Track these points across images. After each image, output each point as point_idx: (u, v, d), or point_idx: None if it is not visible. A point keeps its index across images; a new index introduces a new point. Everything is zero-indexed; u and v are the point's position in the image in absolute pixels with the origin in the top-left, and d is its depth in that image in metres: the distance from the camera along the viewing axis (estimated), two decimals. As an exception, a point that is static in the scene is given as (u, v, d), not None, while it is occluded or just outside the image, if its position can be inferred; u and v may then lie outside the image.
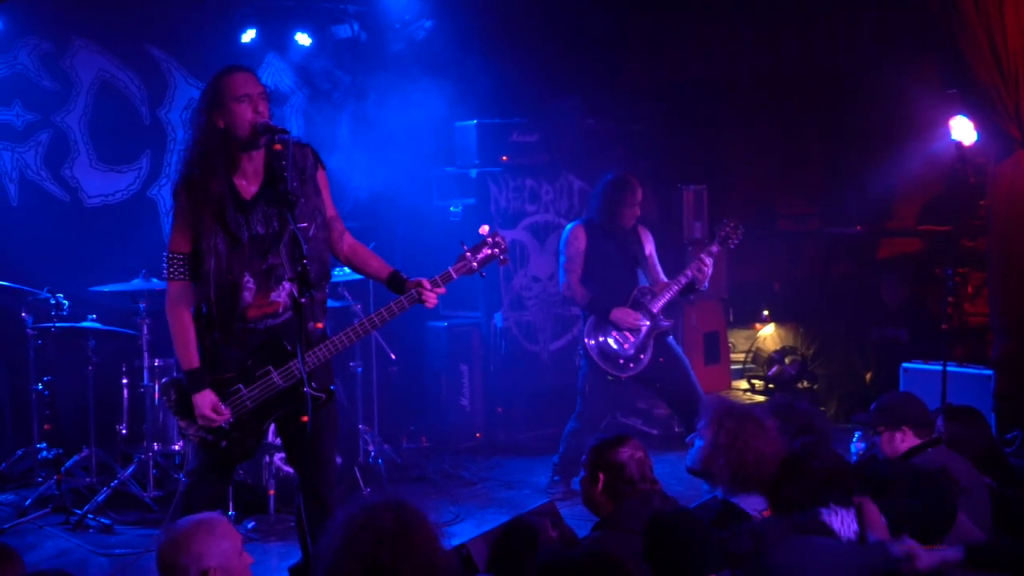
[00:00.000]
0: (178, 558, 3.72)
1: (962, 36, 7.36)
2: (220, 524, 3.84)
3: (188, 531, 3.78)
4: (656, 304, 7.51)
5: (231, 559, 3.77)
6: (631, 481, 4.35)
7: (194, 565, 3.70)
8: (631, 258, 7.67)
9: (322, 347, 4.96)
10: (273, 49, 9.44)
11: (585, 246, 7.59)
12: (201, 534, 3.76)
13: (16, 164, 8.42)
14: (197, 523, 3.82)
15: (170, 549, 3.76)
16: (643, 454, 4.45)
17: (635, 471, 4.37)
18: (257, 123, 4.83)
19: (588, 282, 7.58)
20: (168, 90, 8.99)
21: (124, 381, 7.87)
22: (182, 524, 3.83)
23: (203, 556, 3.71)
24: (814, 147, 11.12)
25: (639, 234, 7.72)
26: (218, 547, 3.74)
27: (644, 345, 7.51)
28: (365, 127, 9.95)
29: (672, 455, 8.48)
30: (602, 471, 4.40)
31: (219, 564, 3.72)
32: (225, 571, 3.73)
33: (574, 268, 7.59)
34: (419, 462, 8.64)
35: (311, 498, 5.09)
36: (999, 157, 7.68)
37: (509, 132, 9.50)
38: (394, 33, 9.86)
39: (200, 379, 4.93)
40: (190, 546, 3.72)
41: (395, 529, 3.36)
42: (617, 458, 4.39)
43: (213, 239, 4.88)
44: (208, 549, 3.73)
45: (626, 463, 4.38)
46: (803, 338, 10.93)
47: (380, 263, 5.29)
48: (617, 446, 4.43)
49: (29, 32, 8.40)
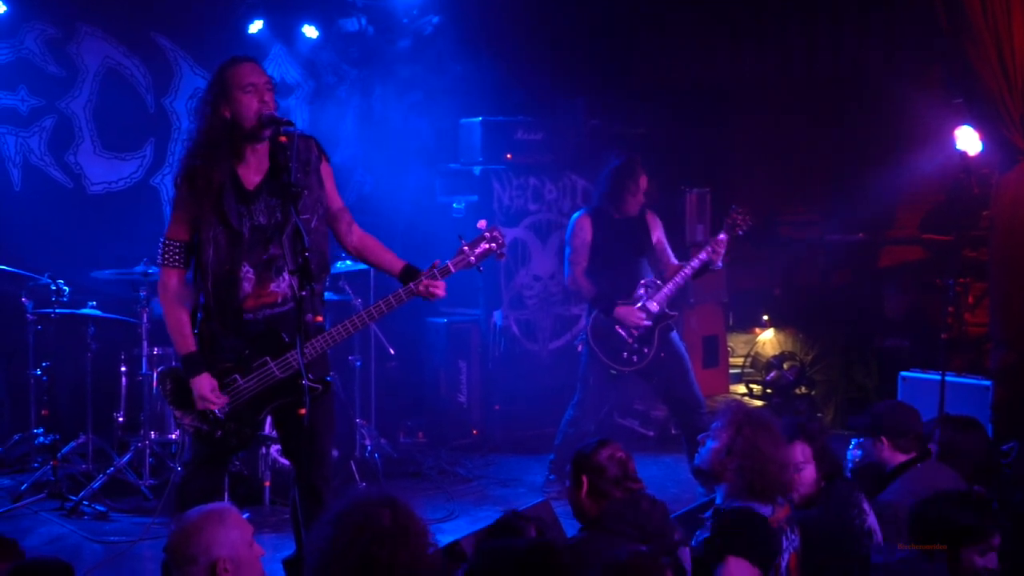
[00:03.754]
0: (188, 548, 3.72)
1: (970, 45, 7.34)
2: (230, 514, 3.84)
3: (198, 521, 3.78)
4: (660, 297, 7.47)
5: (241, 549, 3.76)
6: (614, 481, 4.36)
7: (204, 555, 3.69)
8: (637, 248, 7.62)
9: (319, 338, 4.95)
10: (280, 41, 9.44)
11: (591, 237, 7.54)
12: (211, 524, 3.76)
13: (20, 149, 8.42)
14: (207, 513, 3.82)
15: (180, 539, 3.76)
16: (624, 455, 4.46)
17: (617, 471, 4.38)
18: (263, 114, 4.84)
19: (593, 274, 7.54)
20: (174, 79, 8.99)
21: (123, 369, 7.87)
22: (192, 514, 3.82)
23: (213, 546, 3.70)
24: (818, 153, 11.10)
25: (646, 221, 7.67)
26: (227, 537, 3.74)
27: (648, 338, 7.48)
28: (370, 121, 9.97)
29: (668, 457, 8.50)
30: (585, 474, 4.41)
31: (229, 554, 3.71)
32: (235, 561, 3.73)
33: (579, 260, 7.56)
34: (415, 458, 8.64)
35: (307, 491, 5.09)
36: (1003, 168, 7.66)
37: (514, 130, 9.49)
38: (401, 28, 9.86)
39: (197, 363, 4.93)
40: (200, 536, 3.72)
41: (392, 527, 3.37)
42: (598, 460, 4.41)
43: (213, 229, 4.88)
44: (218, 539, 3.72)
45: (606, 464, 4.39)
46: (802, 344, 10.91)
47: (392, 256, 5.26)
48: (598, 448, 4.46)
49: (35, 17, 8.40)
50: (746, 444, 4.49)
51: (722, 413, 4.72)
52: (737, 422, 4.58)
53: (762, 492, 4.45)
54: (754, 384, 11.02)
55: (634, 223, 7.63)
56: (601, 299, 7.49)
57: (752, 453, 4.47)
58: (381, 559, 3.32)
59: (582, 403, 7.66)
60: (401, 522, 3.39)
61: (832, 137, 10.91)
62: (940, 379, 7.62)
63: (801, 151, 11.15)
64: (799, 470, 4.93)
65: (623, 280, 7.55)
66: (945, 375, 7.66)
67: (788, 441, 4.94)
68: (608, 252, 7.55)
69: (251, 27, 9.11)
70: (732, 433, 4.55)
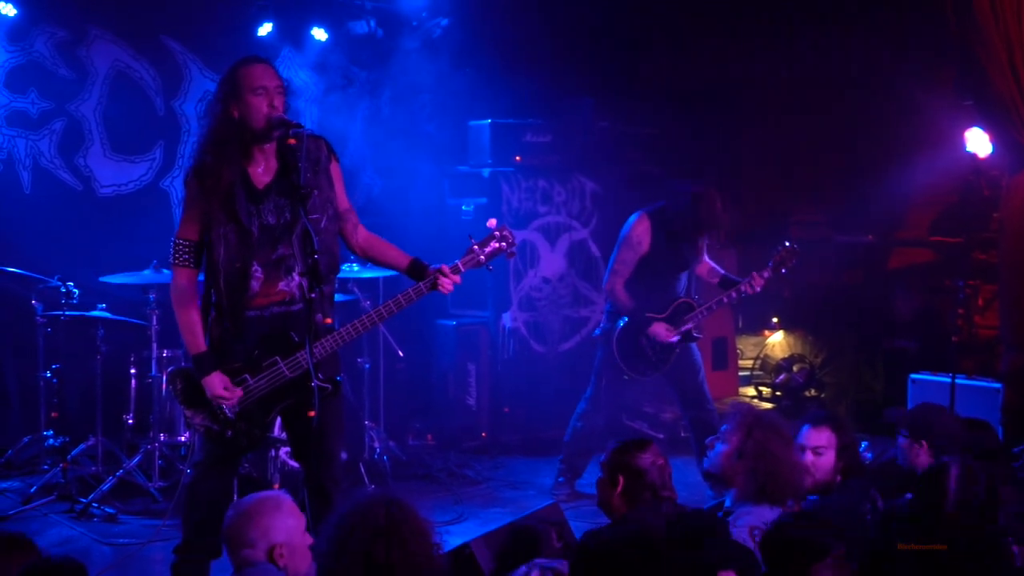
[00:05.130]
0: (248, 531, 3.80)
1: (980, 47, 7.34)
2: (286, 502, 3.94)
3: (256, 506, 3.87)
4: (694, 320, 7.38)
5: (296, 536, 3.85)
6: (652, 487, 4.31)
7: (263, 539, 3.79)
8: (683, 264, 7.47)
9: (329, 338, 4.96)
10: (289, 43, 9.44)
11: (646, 251, 7.32)
12: (269, 509, 3.85)
13: (30, 152, 8.43)
14: (264, 499, 3.92)
15: (239, 522, 3.83)
16: (664, 461, 4.41)
17: (656, 478, 4.33)
18: (272, 116, 4.85)
19: (633, 283, 7.37)
20: (183, 82, 9.00)
21: (132, 371, 7.87)
22: (249, 500, 3.93)
23: (271, 530, 3.80)
24: (827, 154, 11.08)
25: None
26: (284, 523, 3.84)
27: (669, 354, 7.45)
28: (378, 124, 9.97)
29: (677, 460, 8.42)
30: (622, 474, 4.35)
31: (286, 539, 3.81)
32: (290, 548, 3.81)
33: (623, 271, 7.35)
34: (424, 460, 8.63)
35: (316, 493, 5.09)
36: (1013, 169, 7.65)
37: (523, 132, 9.49)
38: (410, 30, 9.86)
39: (208, 362, 4.94)
40: (259, 520, 3.80)
41: (387, 525, 3.39)
42: (639, 463, 4.34)
43: (223, 227, 4.89)
44: (276, 524, 3.82)
45: (648, 469, 4.33)
46: (812, 346, 10.90)
47: (398, 252, 5.27)
48: (639, 451, 4.38)
49: (45, 20, 8.40)
50: (757, 447, 4.48)
51: (731, 416, 4.71)
52: (747, 425, 4.56)
53: (773, 495, 4.44)
54: (763, 387, 11.01)
55: None
56: (637, 314, 7.34)
57: (763, 456, 4.46)
58: (378, 557, 3.34)
59: (595, 398, 7.63)
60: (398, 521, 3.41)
61: (841, 138, 10.88)
62: (950, 382, 7.60)
63: (810, 152, 11.13)
64: (820, 454, 4.95)
65: (661, 293, 7.41)
66: (955, 377, 7.64)
67: (815, 425, 4.96)
68: (656, 267, 7.37)
69: (260, 30, 9.11)
70: (743, 436, 4.53)
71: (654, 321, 7.34)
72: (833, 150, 11.00)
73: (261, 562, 3.82)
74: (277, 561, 3.81)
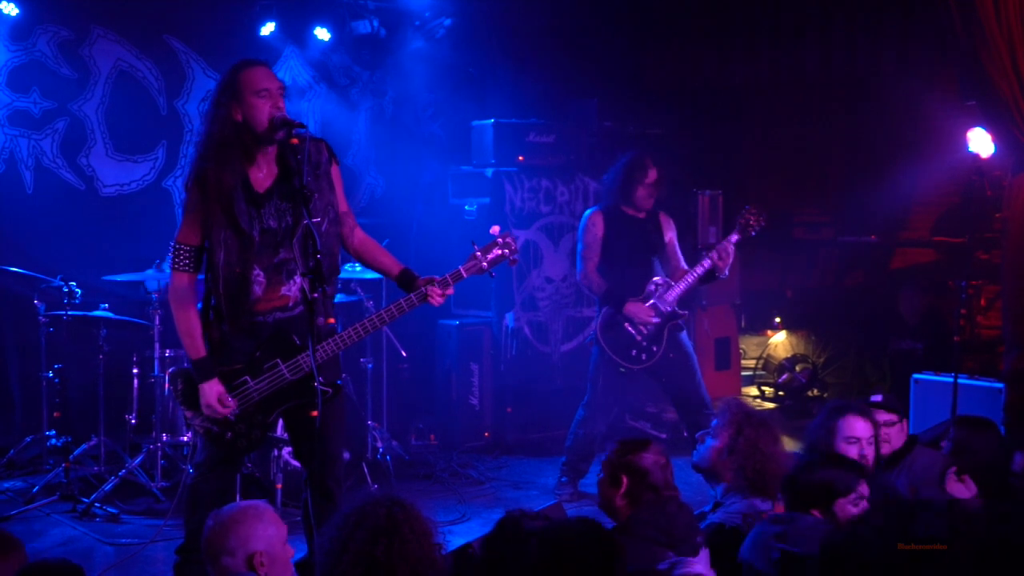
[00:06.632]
0: (227, 540, 3.78)
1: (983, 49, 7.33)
2: (267, 511, 3.91)
3: (236, 515, 3.84)
4: (670, 296, 7.44)
5: (276, 546, 3.83)
6: (655, 487, 4.29)
7: (242, 548, 3.77)
8: (649, 247, 7.61)
9: (330, 341, 4.96)
10: (292, 43, 9.45)
11: (603, 233, 7.52)
12: (249, 519, 3.82)
13: (32, 151, 8.44)
14: (245, 508, 3.89)
15: (218, 531, 3.81)
16: (667, 460, 4.39)
17: (659, 478, 4.30)
18: (275, 117, 4.85)
19: (604, 271, 7.52)
20: (186, 82, 9.00)
21: (134, 371, 7.87)
22: (230, 509, 3.90)
23: (250, 539, 3.78)
24: (831, 155, 11.10)
25: (659, 221, 7.64)
26: (265, 532, 3.81)
27: (658, 337, 7.46)
28: (382, 123, 9.97)
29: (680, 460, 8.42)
30: (625, 474, 4.32)
31: (265, 548, 3.78)
32: (271, 557, 3.79)
33: (591, 256, 7.53)
34: (427, 460, 8.64)
35: (318, 493, 5.08)
36: (1016, 170, 7.64)
37: (526, 132, 9.49)
38: (413, 30, 9.87)
39: (207, 368, 4.94)
40: (238, 529, 3.78)
41: (387, 525, 3.39)
42: (642, 463, 4.31)
43: (223, 232, 4.89)
44: (255, 533, 3.79)
45: (651, 469, 4.30)
46: (814, 346, 10.91)
47: (391, 259, 5.29)
48: (641, 450, 4.35)
49: (48, 19, 8.41)
50: (747, 444, 4.50)
51: (721, 412, 4.72)
52: (737, 422, 4.58)
53: (763, 489, 4.46)
54: (766, 386, 11.01)
55: (647, 222, 7.60)
56: (611, 295, 7.47)
57: (753, 453, 4.48)
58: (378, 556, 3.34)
59: (592, 403, 7.64)
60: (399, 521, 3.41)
61: (845, 139, 10.89)
62: (953, 381, 7.60)
63: (814, 153, 11.14)
64: (891, 426, 5.12)
65: (634, 278, 7.52)
66: (958, 377, 7.63)
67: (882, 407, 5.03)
68: (620, 249, 7.52)
69: (263, 29, 9.11)
70: (733, 433, 4.55)
71: (630, 301, 7.42)
72: (836, 151, 11.01)
73: (241, 571, 3.80)
74: (257, 570, 3.78)
